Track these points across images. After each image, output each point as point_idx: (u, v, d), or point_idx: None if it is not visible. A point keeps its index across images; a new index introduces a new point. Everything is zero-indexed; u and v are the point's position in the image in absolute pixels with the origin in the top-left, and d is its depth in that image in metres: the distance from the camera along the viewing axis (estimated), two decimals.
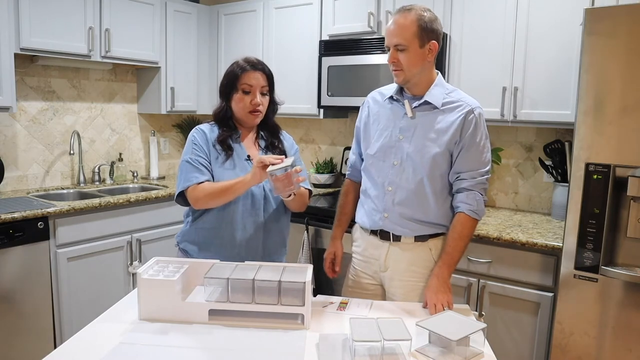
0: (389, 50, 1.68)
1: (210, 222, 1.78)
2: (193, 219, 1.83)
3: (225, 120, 1.81)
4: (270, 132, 1.87)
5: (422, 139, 1.70)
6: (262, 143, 1.86)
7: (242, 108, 1.76)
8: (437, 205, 1.73)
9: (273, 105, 1.85)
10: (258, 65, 1.76)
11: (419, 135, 1.70)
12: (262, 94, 1.77)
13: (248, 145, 1.84)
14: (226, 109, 1.80)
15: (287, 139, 1.93)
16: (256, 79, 1.74)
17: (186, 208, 1.87)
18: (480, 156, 1.69)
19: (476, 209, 1.68)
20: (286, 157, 1.75)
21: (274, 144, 1.86)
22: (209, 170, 1.76)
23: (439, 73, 1.77)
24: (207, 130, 1.81)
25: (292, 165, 1.58)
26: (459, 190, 1.71)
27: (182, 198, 1.78)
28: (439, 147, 1.68)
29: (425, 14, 1.64)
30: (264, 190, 1.79)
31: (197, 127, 1.84)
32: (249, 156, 1.81)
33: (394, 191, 1.74)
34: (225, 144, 1.78)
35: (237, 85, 1.74)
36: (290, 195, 1.68)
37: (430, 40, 1.65)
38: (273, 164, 1.57)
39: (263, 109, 1.79)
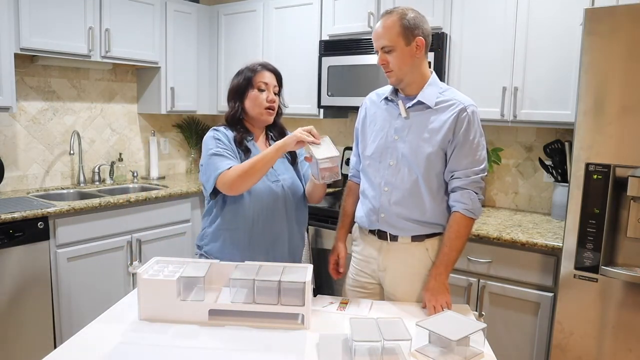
0: (378, 53, 1.70)
1: (231, 224, 1.79)
2: (212, 221, 1.84)
3: (237, 122, 1.86)
4: (278, 133, 1.93)
5: (416, 139, 1.70)
6: (272, 143, 1.86)
7: (258, 105, 1.82)
8: (434, 204, 1.72)
9: (280, 108, 1.92)
10: (271, 66, 1.88)
11: (413, 135, 1.71)
12: (275, 94, 1.85)
13: (261, 147, 1.87)
14: (239, 110, 1.85)
15: None
16: (270, 78, 1.84)
17: (207, 209, 1.87)
18: (474, 154, 1.68)
19: (471, 207, 1.68)
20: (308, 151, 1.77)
21: None
22: (237, 158, 1.78)
23: (433, 72, 1.77)
24: (225, 131, 1.84)
25: (335, 156, 1.68)
26: (453, 189, 1.70)
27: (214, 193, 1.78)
28: (433, 147, 1.68)
29: (408, 12, 1.65)
30: (283, 188, 1.83)
31: (213, 128, 1.85)
32: None
33: (390, 191, 1.74)
34: (243, 145, 1.82)
35: (253, 84, 1.82)
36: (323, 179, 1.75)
37: (415, 37, 1.65)
38: (310, 143, 1.67)
39: (276, 106, 1.87)
